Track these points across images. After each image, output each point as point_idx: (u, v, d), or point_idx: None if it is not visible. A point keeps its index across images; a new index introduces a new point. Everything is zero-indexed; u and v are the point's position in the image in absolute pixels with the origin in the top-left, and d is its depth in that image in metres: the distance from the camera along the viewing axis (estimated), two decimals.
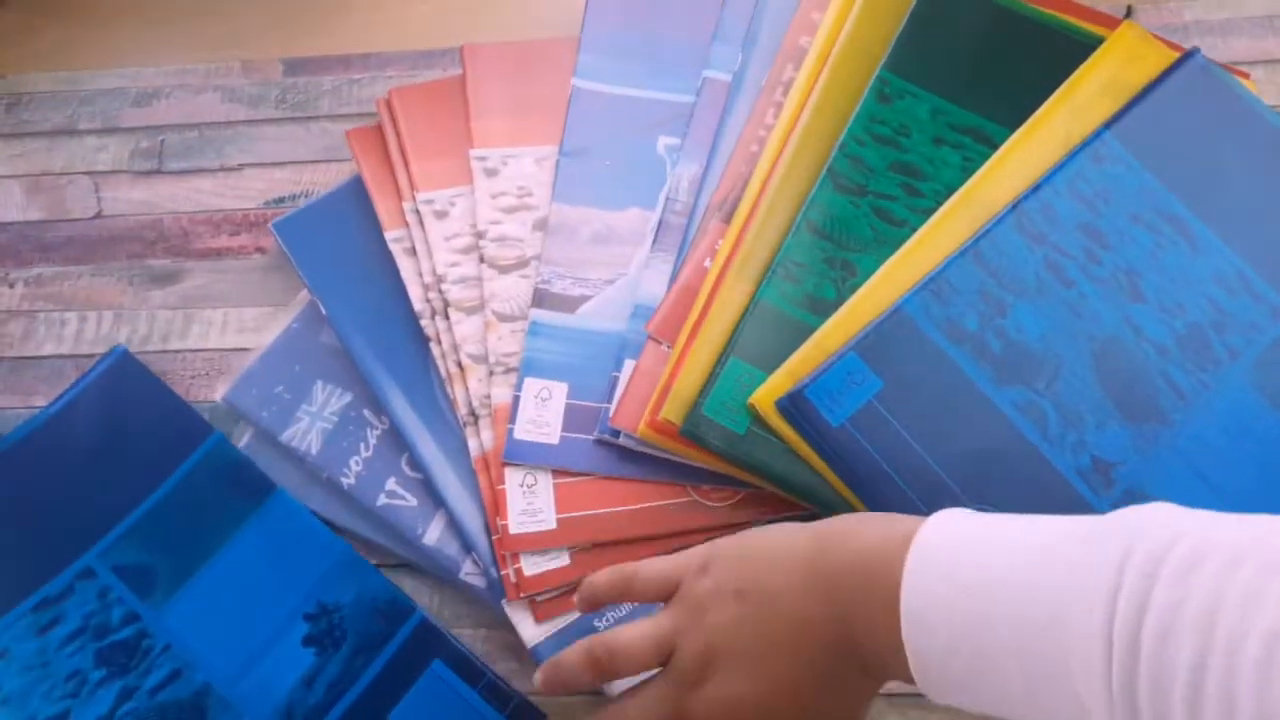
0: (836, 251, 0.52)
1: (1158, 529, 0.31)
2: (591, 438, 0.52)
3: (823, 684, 0.38)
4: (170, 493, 0.52)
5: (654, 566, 0.43)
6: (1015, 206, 0.50)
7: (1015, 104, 0.53)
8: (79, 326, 0.61)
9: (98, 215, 0.63)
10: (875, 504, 0.47)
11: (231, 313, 0.60)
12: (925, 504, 0.46)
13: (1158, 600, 0.29)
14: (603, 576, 0.43)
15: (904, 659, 0.34)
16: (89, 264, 0.62)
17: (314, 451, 0.54)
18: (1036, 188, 0.50)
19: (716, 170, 0.57)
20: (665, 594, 0.42)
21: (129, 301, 0.61)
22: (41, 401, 0.59)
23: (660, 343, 0.53)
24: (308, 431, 0.54)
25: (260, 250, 0.62)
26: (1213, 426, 0.48)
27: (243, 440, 0.56)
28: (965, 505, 0.46)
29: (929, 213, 0.52)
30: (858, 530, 0.38)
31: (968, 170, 0.53)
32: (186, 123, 0.65)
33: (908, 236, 0.51)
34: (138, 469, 0.52)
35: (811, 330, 0.50)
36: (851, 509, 0.48)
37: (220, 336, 0.60)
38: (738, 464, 0.49)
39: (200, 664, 0.49)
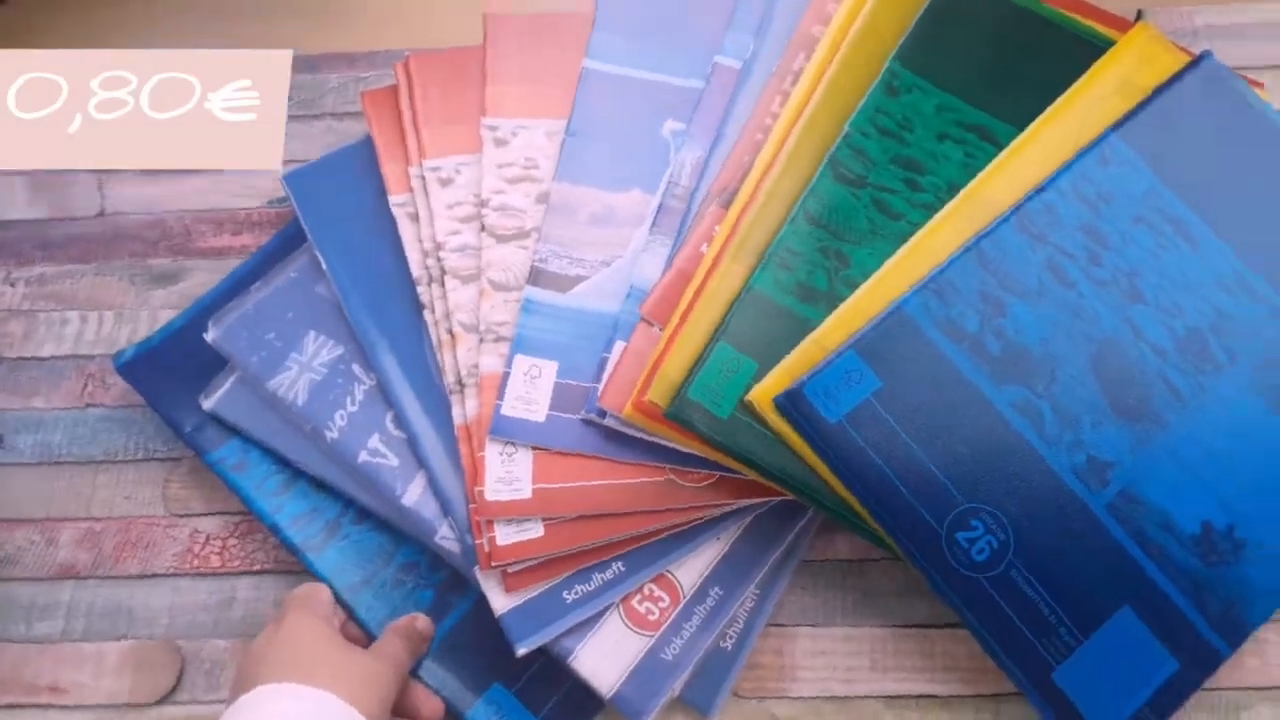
0: (832, 241, 0.55)
1: None
2: (578, 417, 0.55)
3: None
4: None
5: None
6: (1019, 207, 0.53)
7: (1023, 103, 0.56)
8: (80, 327, 0.65)
9: (100, 214, 0.68)
10: (869, 501, 0.50)
11: None
12: (920, 501, 0.50)
13: None
14: None
15: None
16: (91, 263, 0.67)
17: (300, 402, 0.57)
18: (1041, 188, 0.54)
19: (720, 156, 0.60)
20: None
21: (130, 301, 0.66)
22: (41, 403, 0.63)
23: (652, 324, 0.56)
24: (295, 381, 0.58)
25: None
26: (1210, 429, 0.51)
27: (227, 383, 0.59)
28: (959, 504, 0.50)
29: (928, 207, 0.55)
30: None
31: (969, 167, 0.56)
32: None
33: (904, 230, 0.55)
34: None
35: (800, 319, 0.53)
36: (840, 500, 0.51)
37: None
38: (720, 448, 0.52)
39: None
